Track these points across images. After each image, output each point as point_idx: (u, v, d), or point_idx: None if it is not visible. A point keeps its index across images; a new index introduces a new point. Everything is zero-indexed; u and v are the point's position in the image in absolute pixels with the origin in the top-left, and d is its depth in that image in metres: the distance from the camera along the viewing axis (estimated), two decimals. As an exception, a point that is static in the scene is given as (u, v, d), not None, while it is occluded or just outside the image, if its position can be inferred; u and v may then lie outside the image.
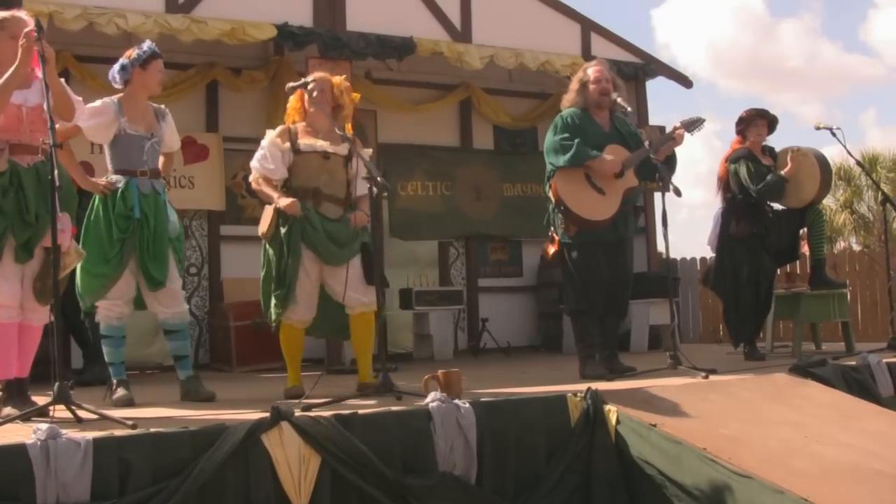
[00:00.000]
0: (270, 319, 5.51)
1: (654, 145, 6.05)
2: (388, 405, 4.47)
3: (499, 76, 9.74)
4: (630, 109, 6.23)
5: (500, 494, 4.27)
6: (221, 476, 3.64)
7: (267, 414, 3.85)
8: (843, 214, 20.58)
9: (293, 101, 5.60)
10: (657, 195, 6.24)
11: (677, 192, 5.80)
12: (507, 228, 10.07)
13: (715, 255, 7.81)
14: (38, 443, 3.38)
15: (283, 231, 5.35)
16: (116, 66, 5.31)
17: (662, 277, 8.58)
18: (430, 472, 4.11)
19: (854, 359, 6.29)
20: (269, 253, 5.43)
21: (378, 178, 4.95)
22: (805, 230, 7.66)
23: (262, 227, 5.45)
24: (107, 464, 3.47)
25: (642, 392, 5.00)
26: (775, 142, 7.65)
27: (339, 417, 3.99)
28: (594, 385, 4.87)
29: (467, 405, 4.29)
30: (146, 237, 5.15)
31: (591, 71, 6.17)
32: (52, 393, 4.01)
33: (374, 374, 5.47)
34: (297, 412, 4.01)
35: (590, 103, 6.13)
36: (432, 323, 8.81)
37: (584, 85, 6.14)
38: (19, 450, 3.37)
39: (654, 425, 4.51)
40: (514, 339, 9.56)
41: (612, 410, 4.63)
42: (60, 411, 4.03)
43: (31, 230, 4.42)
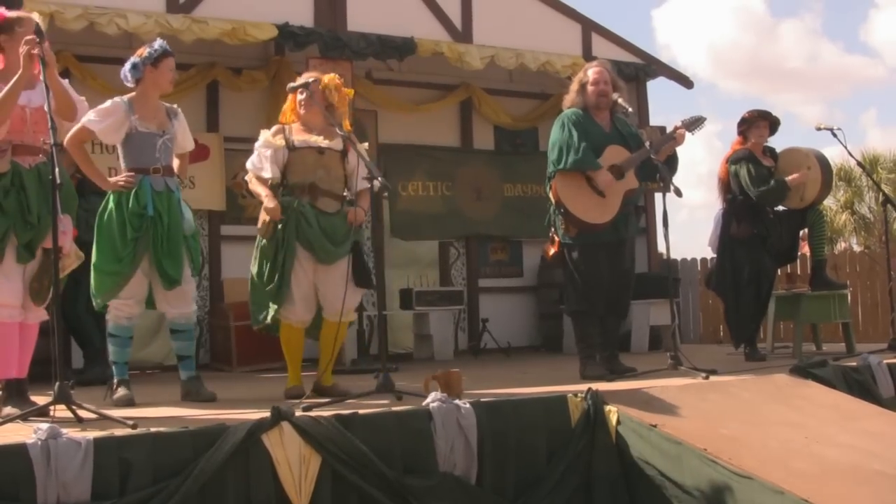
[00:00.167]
0: (256, 321, 5.49)
1: (654, 146, 6.05)
2: (389, 405, 4.47)
3: (499, 76, 9.73)
4: (631, 110, 6.22)
5: (500, 495, 4.27)
6: (222, 476, 3.64)
7: (267, 414, 3.85)
8: (844, 215, 20.59)
9: (288, 102, 5.63)
10: (658, 196, 6.23)
11: (678, 193, 5.80)
12: (508, 229, 10.06)
13: (716, 256, 7.81)
14: (39, 442, 3.38)
15: (278, 229, 5.35)
16: (128, 65, 5.24)
17: (663, 278, 8.58)
18: (430, 473, 4.11)
19: (854, 360, 6.28)
20: (263, 251, 5.42)
21: (379, 178, 4.95)
22: (805, 231, 7.66)
23: (259, 225, 5.46)
24: (107, 464, 3.47)
25: (643, 393, 5.00)
26: (776, 143, 7.66)
27: (339, 418, 3.99)
28: (595, 385, 4.87)
29: (468, 405, 4.29)
30: (160, 235, 5.11)
31: (591, 72, 6.18)
32: (52, 393, 4.01)
33: (334, 379, 5.54)
34: (298, 412, 4.01)
35: (589, 104, 6.14)
36: (433, 323, 8.81)
37: (583, 86, 6.15)
38: (20, 449, 3.37)
39: (655, 426, 4.51)
40: (515, 339, 9.55)
41: (612, 411, 4.63)
42: (61, 411, 4.03)
43: (34, 231, 4.42)
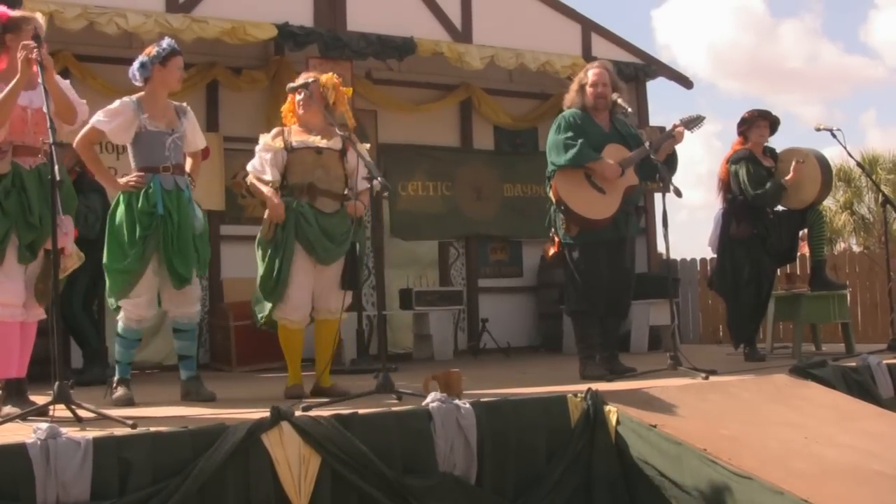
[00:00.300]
0: (257, 320, 5.51)
1: (654, 145, 6.06)
2: (389, 405, 4.46)
3: (499, 76, 9.73)
4: (630, 110, 6.23)
5: (500, 495, 4.27)
6: (221, 476, 3.63)
7: (267, 414, 3.85)
8: (843, 215, 20.60)
9: (287, 104, 5.63)
10: (658, 196, 6.24)
11: (678, 193, 5.80)
12: (508, 229, 10.06)
13: (716, 257, 7.81)
14: (38, 442, 3.38)
15: (278, 228, 5.35)
16: (136, 64, 5.22)
17: (663, 278, 8.58)
18: (430, 473, 4.11)
19: (854, 360, 6.29)
20: (263, 251, 5.42)
21: (379, 178, 4.95)
22: (805, 231, 7.66)
23: (263, 231, 5.47)
24: (107, 463, 3.47)
25: (642, 393, 5.00)
26: (776, 143, 7.66)
27: (339, 417, 3.99)
28: (594, 385, 4.87)
29: (467, 405, 4.29)
30: (170, 233, 5.10)
31: (590, 74, 6.18)
32: (51, 392, 4.01)
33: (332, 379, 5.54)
34: (298, 412, 4.01)
35: (588, 105, 6.14)
36: (432, 323, 8.81)
37: (582, 87, 6.16)
38: (19, 449, 3.37)
39: (655, 426, 4.51)
40: (514, 339, 9.55)
41: (612, 411, 4.63)
42: (60, 411, 4.03)
43: (36, 232, 4.42)
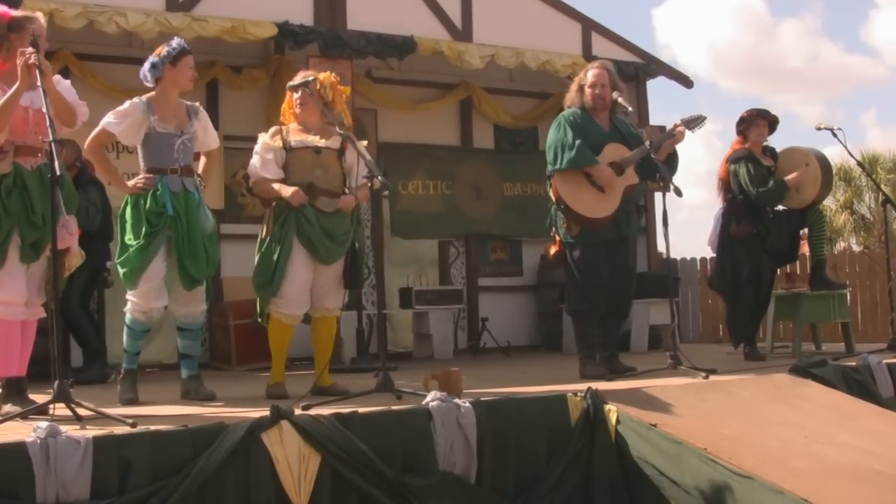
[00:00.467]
0: (258, 315, 5.53)
1: (654, 144, 6.05)
2: (388, 404, 4.46)
3: (499, 75, 9.73)
4: (631, 109, 6.22)
5: (500, 494, 4.27)
6: (221, 475, 3.63)
7: (267, 413, 3.85)
8: (844, 215, 20.59)
9: (285, 103, 5.62)
10: (658, 195, 6.23)
11: (678, 192, 5.79)
12: (508, 228, 10.07)
13: (716, 256, 7.81)
14: (38, 441, 3.37)
15: (278, 227, 5.35)
16: (147, 65, 5.20)
17: (663, 277, 8.58)
18: (430, 472, 4.11)
19: (854, 359, 6.28)
20: (262, 249, 5.41)
21: (379, 177, 4.95)
22: (805, 230, 7.66)
23: (263, 230, 5.46)
24: (107, 462, 3.46)
25: (642, 392, 4.99)
26: (776, 142, 7.66)
27: (339, 416, 3.99)
28: (594, 385, 4.87)
29: (467, 404, 4.29)
30: (181, 235, 5.10)
31: (590, 74, 6.17)
32: (51, 391, 4.00)
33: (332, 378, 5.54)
34: (297, 411, 4.01)
35: (587, 105, 6.14)
36: (432, 322, 8.81)
37: (581, 87, 6.16)
38: (19, 448, 3.36)
39: (655, 425, 4.51)
40: (514, 338, 9.56)
41: (612, 410, 4.63)
42: (60, 409, 4.03)
43: (39, 231, 4.43)
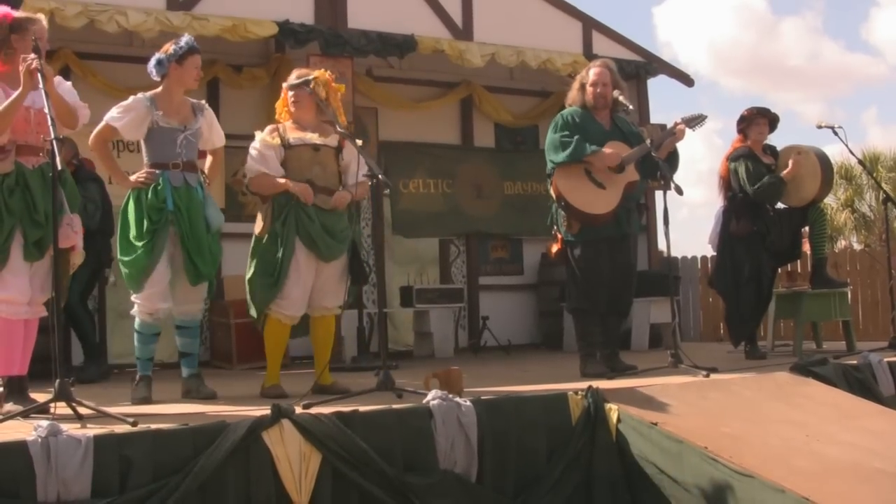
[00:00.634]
0: (254, 317, 5.50)
1: (655, 142, 6.06)
2: (389, 403, 4.46)
3: (500, 74, 9.73)
4: (632, 107, 6.22)
5: (500, 493, 4.27)
6: (222, 473, 3.63)
7: (268, 411, 3.85)
8: (844, 213, 20.55)
9: (280, 101, 5.61)
10: (659, 193, 6.24)
11: (679, 191, 5.80)
12: (508, 226, 10.07)
13: (716, 254, 7.81)
14: (39, 440, 3.37)
15: (278, 224, 5.33)
16: (153, 61, 5.23)
17: (663, 276, 8.58)
18: (430, 470, 4.10)
19: (855, 358, 6.28)
20: (261, 247, 5.39)
21: (379, 176, 4.94)
22: (807, 229, 7.65)
23: (258, 228, 5.44)
24: (107, 461, 3.46)
25: (643, 391, 4.98)
26: (777, 140, 7.65)
27: (339, 415, 3.99)
28: (595, 383, 4.86)
29: (468, 403, 4.29)
30: (184, 230, 5.11)
31: (591, 73, 6.17)
32: (52, 390, 4.01)
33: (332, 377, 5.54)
34: (298, 410, 4.01)
35: (588, 104, 6.14)
36: (433, 321, 8.82)
37: (583, 86, 6.16)
38: (20, 447, 3.36)
39: (655, 424, 4.51)
40: (515, 337, 9.56)
41: (612, 409, 4.63)
42: (61, 408, 4.03)
43: (42, 230, 4.43)
